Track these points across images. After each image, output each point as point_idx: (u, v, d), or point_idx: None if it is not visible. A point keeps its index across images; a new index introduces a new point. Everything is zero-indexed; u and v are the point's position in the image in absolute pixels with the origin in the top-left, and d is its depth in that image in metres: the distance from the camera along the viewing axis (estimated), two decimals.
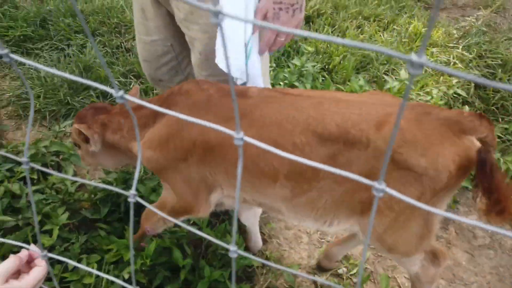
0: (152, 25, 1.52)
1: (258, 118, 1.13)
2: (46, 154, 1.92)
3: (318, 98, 1.15)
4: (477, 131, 1.07)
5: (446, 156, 1.03)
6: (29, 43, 2.81)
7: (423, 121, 1.06)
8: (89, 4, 3.12)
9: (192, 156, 1.22)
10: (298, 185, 1.16)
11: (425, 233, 1.19)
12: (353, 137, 1.05)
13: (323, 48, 2.87)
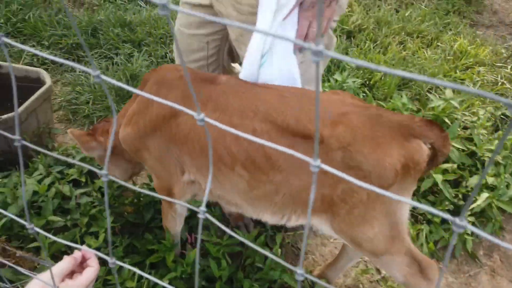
0: (197, 21, 1.54)
1: (222, 103, 1.17)
2: (94, 159, 2.00)
3: (283, 92, 1.19)
4: (426, 136, 1.12)
5: (393, 156, 1.09)
6: (80, 51, 2.95)
7: (374, 122, 1.12)
8: (137, 15, 3.25)
9: (161, 132, 1.27)
10: (254, 176, 1.18)
11: (393, 233, 1.20)
12: (309, 132, 1.10)
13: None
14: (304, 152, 1.12)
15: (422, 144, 1.13)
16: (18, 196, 1.64)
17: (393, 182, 1.11)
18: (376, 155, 1.09)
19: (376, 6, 3.66)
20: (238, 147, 1.15)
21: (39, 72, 2.21)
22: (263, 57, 1.20)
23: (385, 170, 1.09)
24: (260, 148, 1.14)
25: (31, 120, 2.06)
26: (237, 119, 1.15)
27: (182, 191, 1.39)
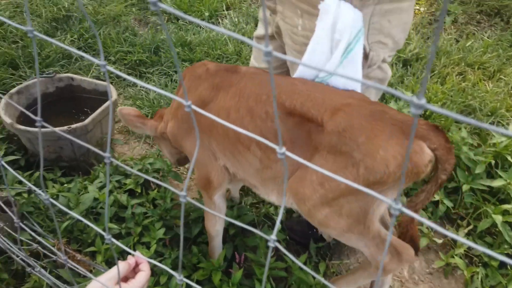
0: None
1: (241, 89, 1.29)
2: (149, 170, 2.09)
3: (294, 81, 1.28)
4: (429, 140, 1.09)
5: (387, 151, 1.07)
6: (143, 67, 3.13)
7: (377, 117, 1.12)
8: (197, 35, 3.41)
9: (191, 121, 1.40)
10: (266, 155, 1.27)
11: (359, 218, 1.19)
12: (311, 116, 1.17)
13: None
14: (307, 131, 1.21)
15: (424, 146, 1.09)
16: (80, 202, 1.75)
17: (382, 178, 1.08)
18: (369, 145, 1.08)
19: (435, 35, 3.58)
20: (253, 126, 1.25)
21: (106, 86, 2.36)
22: (324, 77, 1.22)
23: (375, 162, 1.08)
24: (271, 127, 1.22)
25: (96, 130, 2.20)
26: (252, 102, 1.26)
27: (220, 177, 1.49)
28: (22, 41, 3.09)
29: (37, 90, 0.82)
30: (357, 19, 1.13)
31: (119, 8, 3.62)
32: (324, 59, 1.19)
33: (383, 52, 1.27)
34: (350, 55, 1.16)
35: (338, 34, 1.13)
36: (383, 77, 1.35)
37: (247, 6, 3.83)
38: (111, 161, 0.71)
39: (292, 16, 1.27)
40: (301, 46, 1.30)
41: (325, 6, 1.13)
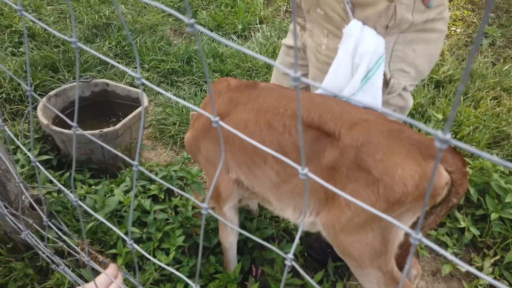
0: (290, 62, 1.63)
1: (260, 103, 1.32)
2: (173, 177, 2.14)
3: (311, 95, 1.28)
4: (446, 162, 1.08)
5: (405, 170, 1.06)
6: (174, 76, 3.22)
7: (394, 135, 1.11)
8: (228, 47, 3.47)
9: (209, 133, 1.44)
10: (283, 169, 1.27)
11: (381, 248, 1.16)
12: (328, 129, 1.17)
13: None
14: (324, 146, 1.21)
15: (442, 168, 1.09)
16: (106, 204, 1.81)
17: (401, 198, 1.07)
18: (387, 163, 1.07)
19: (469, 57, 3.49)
20: (271, 138, 1.26)
21: (139, 92, 2.45)
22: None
23: (393, 181, 1.06)
24: (289, 140, 1.23)
25: (126, 135, 2.27)
26: (271, 115, 1.28)
27: (228, 190, 1.50)
28: (63, 46, 3.25)
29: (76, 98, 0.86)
30: (379, 46, 1.13)
31: (156, 18, 3.75)
32: (345, 82, 1.19)
33: (404, 80, 1.26)
34: (370, 81, 1.16)
35: (358, 58, 1.14)
36: (404, 106, 1.34)
37: (280, 21, 3.88)
38: (138, 168, 0.74)
39: (319, 35, 1.28)
40: (323, 64, 1.31)
41: (348, 29, 1.14)
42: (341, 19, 1.17)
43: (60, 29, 3.41)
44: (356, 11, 1.15)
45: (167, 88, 3.12)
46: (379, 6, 1.11)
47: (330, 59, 1.25)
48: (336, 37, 1.22)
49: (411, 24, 1.14)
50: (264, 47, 3.48)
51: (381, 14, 1.12)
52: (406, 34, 1.17)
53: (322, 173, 1.20)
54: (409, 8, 1.12)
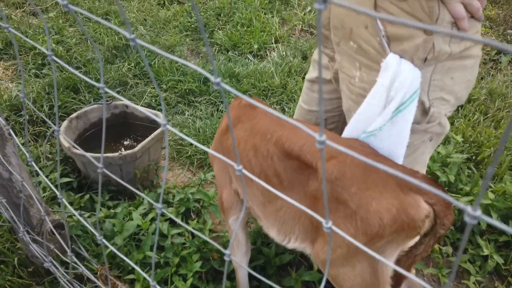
0: (316, 97, 1.64)
1: (254, 125, 1.38)
2: (190, 200, 2.15)
3: (298, 123, 1.22)
4: (426, 194, 1.07)
5: (381, 203, 1.06)
6: (191, 96, 3.26)
7: (371, 167, 1.09)
8: (245, 67, 3.51)
9: (220, 145, 1.52)
10: (267, 191, 1.31)
11: (372, 280, 1.14)
12: (307, 160, 1.20)
13: (472, 137, 2.67)
14: (306, 176, 1.22)
15: (421, 200, 1.07)
16: (125, 228, 1.82)
17: (378, 231, 1.07)
18: (361, 197, 1.08)
19: (490, 76, 3.45)
20: (256, 161, 1.32)
21: (157, 114, 2.49)
22: (373, 131, 1.21)
23: (369, 214, 1.07)
24: (271, 165, 1.28)
25: (144, 157, 2.31)
26: (259, 139, 1.34)
27: (229, 198, 1.57)
28: (84, 67, 3.34)
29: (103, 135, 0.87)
30: (415, 79, 1.12)
31: (174, 39, 3.82)
32: (377, 114, 1.19)
33: (444, 108, 1.25)
34: (401, 113, 1.16)
35: (394, 91, 1.14)
36: (441, 132, 1.32)
37: (295, 40, 3.91)
38: (155, 189, 0.75)
39: (350, 68, 1.28)
40: (357, 96, 1.30)
41: (385, 64, 1.14)
42: (376, 52, 1.17)
43: (81, 51, 3.51)
44: (392, 45, 1.15)
45: (184, 108, 3.16)
46: (416, 39, 1.10)
47: (366, 92, 1.25)
48: (371, 70, 1.22)
49: (449, 55, 1.13)
50: (279, 66, 3.51)
51: (419, 47, 1.11)
52: (444, 63, 1.16)
53: (306, 201, 1.23)
54: (446, 40, 1.11)
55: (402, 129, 1.18)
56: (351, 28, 1.21)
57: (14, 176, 1.44)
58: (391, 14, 1.10)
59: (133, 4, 4.42)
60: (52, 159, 2.33)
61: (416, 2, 1.06)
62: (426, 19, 1.07)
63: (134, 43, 0.52)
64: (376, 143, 1.24)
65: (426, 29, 1.08)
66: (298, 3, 4.54)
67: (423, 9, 1.06)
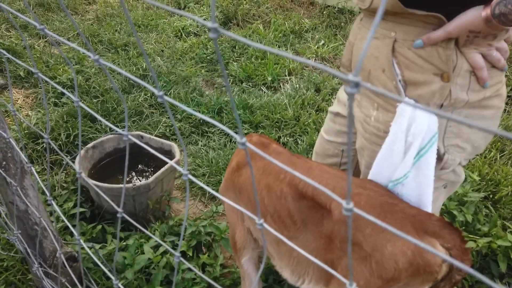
0: (336, 129, 1.64)
1: (267, 164, 1.38)
2: (202, 233, 2.13)
3: (312, 165, 1.34)
4: (442, 237, 1.05)
5: (396, 246, 1.04)
6: (205, 126, 3.30)
7: (386, 209, 1.10)
8: (258, 99, 3.56)
9: (232, 182, 1.52)
10: (280, 230, 1.30)
11: None
12: (321, 202, 1.19)
13: (489, 175, 2.62)
14: (320, 216, 1.21)
15: (437, 244, 1.05)
16: (136, 262, 1.81)
17: (394, 275, 1.04)
18: (376, 239, 1.06)
19: (505, 112, 3.43)
20: (269, 200, 1.31)
21: (171, 145, 2.51)
22: (399, 179, 1.20)
23: (384, 257, 1.04)
24: (285, 205, 1.27)
25: (157, 188, 2.31)
26: (272, 179, 1.33)
27: (243, 237, 1.56)
28: (102, 97, 3.42)
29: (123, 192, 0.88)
30: (432, 124, 1.12)
31: (190, 70, 3.91)
32: (399, 160, 1.18)
33: (460, 156, 1.22)
34: (422, 158, 1.15)
35: (411, 137, 1.13)
36: (455, 180, 1.30)
37: (308, 73, 3.97)
38: (167, 220, 0.75)
39: (368, 107, 1.29)
40: (371, 135, 1.31)
41: (401, 109, 1.14)
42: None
43: (100, 80, 3.60)
44: (408, 89, 1.15)
45: (198, 139, 3.19)
46: (433, 85, 1.10)
47: (379, 131, 1.26)
48: (387, 111, 1.23)
49: (466, 102, 1.12)
50: (293, 98, 3.54)
51: (435, 93, 1.11)
52: (461, 110, 1.14)
53: (320, 241, 1.22)
54: (464, 88, 1.10)
55: (427, 174, 1.16)
56: (369, 70, 1.22)
57: (30, 208, 1.45)
58: (407, 59, 1.11)
59: (151, 35, 4.56)
60: (66, 188, 2.36)
61: (433, 50, 1.07)
62: (443, 66, 1.08)
63: (162, 99, 0.53)
64: (405, 191, 1.22)
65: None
66: (311, 37, 4.64)
67: (440, 57, 1.07)
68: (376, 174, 1.29)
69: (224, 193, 1.62)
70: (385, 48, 1.15)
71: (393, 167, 1.20)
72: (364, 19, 1.29)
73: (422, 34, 1.07)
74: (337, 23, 4.89)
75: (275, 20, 4.86)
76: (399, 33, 1.12)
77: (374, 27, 0.31)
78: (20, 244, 1.47)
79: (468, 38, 1.03)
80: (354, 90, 0.32)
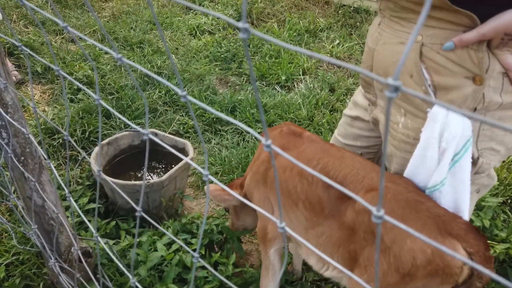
0: (354, 133, 1.62)
1: (300, 152, 1.41)
2: (214, 231, 2.13)
3: (344, 154, 1.35)
4: (466, 241, 1.03)
5: (416, 242, 1.03)
6: (218, 125, 3.30)
7: (411, 205, 1.09)
8: (272, 98, 3.54)
9: (262, 175, 1.54)
10: (310, 216, 1.33)
11: None
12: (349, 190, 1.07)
13: (507, 179, 2.57)
14: (346, 205, 1.22)
15: (459, 247, 1.02)
16: (149, 259, 1.82)
17: (410, 270, 1.04)
18: (397, 233, 1.06)
19: None
20: (301, 187, 1.34)
21: (185, 143, 2.52)
22: (435, 186, 1.17)
23: (402, 251, 1.04)
24: (315, 192, 1.30)
25: (170, 186, 2.32)
26: (304, 165, 1.27)
27: (275, 230, 1.57)
28: (117, 93, 3.45)
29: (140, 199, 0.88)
30: (466, 129, 1.08)
31: (204, 68, 3.92)
32: (433, 166, 1.15)
33: (494, 159, 1.19)
34: (457, 163, 1.12)
35: (444, 143, 1.10)
36: (488, 184, 1.27)
37: (323, 73, 3.94)
38: (180, 218, 0.74)
39: (395, 114, 1.26)
40: (399, 142, 1.27)
41: (432, 115, 1.10)
42: (421, 101, 1.15)
43: (115, 77, 3.63)
44: (439, 94, 1.11)
45: (211, 137, 3.19)
46: (465, 89, 1.07)
47: (409, 138, 1.23)
48: (416, 117, 1.19)
49: (500, 105, 1.09)
50: (307, 98, 3.52)
51: (467, 97, 1.08)
52: (494, 113, 1.11)
53: (343, 231, 1.23)
54: (497, 90, 1.07)
55: (463, 179, 1.13)
56: None
57: (47, 203, 1.47)
58: (436, 63, 1.08)
59: (166, 33, 4.58)
60: (81, 184, 2.38)
61: (464, 52, 1.03)
62: (475, 69, 1.04)
63: (185, 99, 0.53)
64: (442, 198, 1.20)
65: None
66: (326, 36, 4.60)
67: (471, 60, 1.03)
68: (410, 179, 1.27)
69: (253, 187, 1.63)
70: (412, 53, 1.11)
71: (427, 174, 1.17)
72: (384, 23, 1.24)
73: (450, 37, 1.04)
74: (353, 22, 4.84)
75: (290, 19, 4.84)
76: (426, 37, 1.08)
77: (419, 26, 0.30)
78: (37, 239, 1.49)
79: (503, 40, 1.00)
80: (394, 94, 0.31)
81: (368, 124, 1.54)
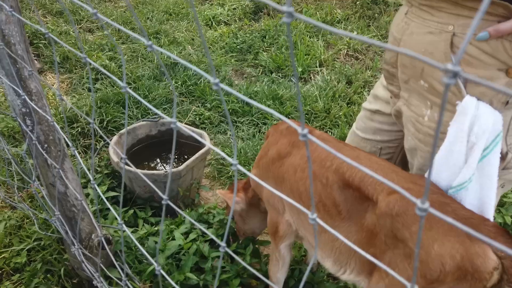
0: (374, 127, 1.59)
1: (312, 151, 1.35)
2: (231, 222, 2.14)
3: (359, 154, 1.31)
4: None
5: (444, 247, 1.00)
6: (234, 116, 3.30)
7: (437, 207, 1.05)
8: (288, 90, 3.52)
9: (271, 172, 1.50)
10: (325, 219, 1.28)
11: None
12: (367, 193, 1.17)
13: None
14: (364, 208, 1.19)
15: (489, 251, 0.98)
16: (167, 248, 1.83)
17: (439, 277, 1.01)
18: (423, 237, 1.02)
19: None
20: (314, 189, 1.30)
21: (201, 133, 2.52)
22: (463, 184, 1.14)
23: (429, 257, 1.00)
24: (330, 194, 1.26)
25: (187, 176, 2.33)
26: (317, 167, 1.30)
27: (286, 228, 1.55)
28: (134, 83, 3.47)
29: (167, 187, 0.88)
30: (496, 123, 1.05)
31: (220, 59, 3.91)
32: (461, 161, 1.12)
33: None
34: (486, 159, 1.08)
35: (474, 137, 1.07)
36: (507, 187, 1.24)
37: (340, 65, 3.89)
38: (197, 208, 0.74)
39: (420, 106, 1.23)
40: (425, 136, 1.25)
41: (462, 108, 1.07)
42: (450, 93, 1.12)
43: (132, 67, 3.65)
44: (469, 86, 1.08)
45: (226, 128, 3.20)
46: (497, 82, 1.04)
47: (434, 131, 1.20)
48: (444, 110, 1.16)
49: None
50: (323, 90, 3.49)
51: None
52: None
53: (362, 234, 1.19)
54: None
55: (490, 175, 1.10)
56: (423, 68, 1.16)
57: (69, 190, 1.49)
58: (468, 54, 1.05)
59: (182, 24, 4.58)
60: (100, 172, 2.41)
61: (498, 43, 1.00)
62: (509, 61, 1.01)
63: (218, 87, 0.52)
64: (467, 195, 1.17)
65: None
66: (344, 28, 4.54)
67: (506, 51, 1.00)
68: (434, 176, 1.24)
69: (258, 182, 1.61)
70: (442, 44, 1.08)
71: (453, 170, 1.14)
72: (411, 12, 1.20)
73: (484, 28, 1.01)
74: (371, 14, 4.76)
75: (307, 10, 4.78)
76: (457, 27, 1.05)
77: (481, 14, 0.29)
78: (61, 226, 1.52)
79: None
80: (453, 81, 0.29)
81: (389, 117, 1.51)
